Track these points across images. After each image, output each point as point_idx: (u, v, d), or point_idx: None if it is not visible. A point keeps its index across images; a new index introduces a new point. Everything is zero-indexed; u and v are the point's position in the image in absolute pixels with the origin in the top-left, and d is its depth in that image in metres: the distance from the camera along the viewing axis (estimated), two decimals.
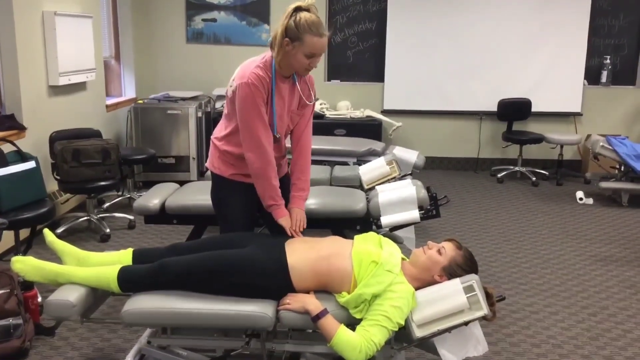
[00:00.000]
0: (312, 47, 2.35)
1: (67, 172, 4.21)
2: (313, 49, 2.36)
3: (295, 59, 2.39)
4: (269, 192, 2.52)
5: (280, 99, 2.50)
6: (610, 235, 4.75)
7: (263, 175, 2.49)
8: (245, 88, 2.40)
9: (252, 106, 2.41)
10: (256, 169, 2.48)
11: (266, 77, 2.43)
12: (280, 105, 2.51)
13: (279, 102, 2.50)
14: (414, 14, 6.51)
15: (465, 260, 2.28)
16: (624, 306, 3.46)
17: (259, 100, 2.41)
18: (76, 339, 2.96)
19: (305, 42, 2.34)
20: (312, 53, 2.37)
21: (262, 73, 2.42)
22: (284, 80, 2.51)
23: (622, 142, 5.57)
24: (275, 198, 2.54)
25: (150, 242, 4.40)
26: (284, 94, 2.51)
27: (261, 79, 2.41)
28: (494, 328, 3.13)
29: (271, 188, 2.52)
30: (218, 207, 2.68)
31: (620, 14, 6.59)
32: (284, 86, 2.51)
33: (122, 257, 2.42)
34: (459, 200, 5.64)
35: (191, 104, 5.82)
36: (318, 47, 2.36)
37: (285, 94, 2.52)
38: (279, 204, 2.55)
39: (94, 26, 5.19)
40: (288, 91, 2.53)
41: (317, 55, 2.39)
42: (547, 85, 6.63)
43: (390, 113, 6.62)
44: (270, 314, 2.16)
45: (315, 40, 2.34)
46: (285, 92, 2.52)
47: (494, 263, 4.09)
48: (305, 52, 2.36)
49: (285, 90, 2.52)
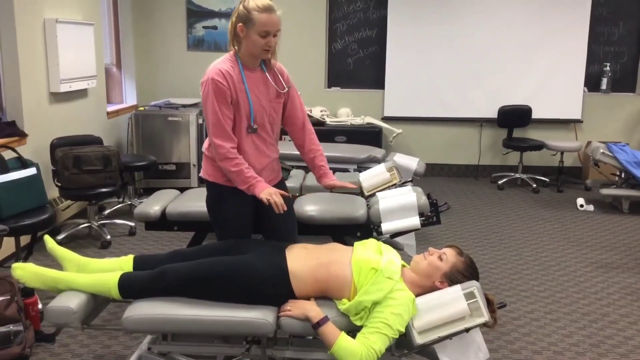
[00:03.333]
0: (262, 24, 2.36)
1: (68, 178, 4.22)
2: (264, 26, 2.36)
3: (251, 40, 2.41)
4: (237, 178, 2.48)
5: (255, 89, 2.51)
6: (611, 242, 4.74)
7: (224, 168, 2.48)
8: (206, 85, 2.44)
9: (213, 103, 2.42)
10: (218, 160, 2.49)
11: (231, 71, 2.45)
12: (256, 96, 2.52)
13: (254, 92, 2.51)
14: (414, 21, 6.53)
15: (467, 267, 2.27)
16: (625, 313, 3.45)
17: (219, 97, 2.42)
18: (76, 345, 2.95)
19: (256, 21, 2.36)
20: (265, 31, 2.37)
21: (225, 67, 2.45)
22: (253, 70, 2.53)
23: (623, 149, 5.57)
24: (247, 180, 2.47)
25: (150, 248, 4.40)
26: (257, 83, 2.53)
27: (226, 75, 2.43)
28: (495, 335, 3.12)
29: (236, 174, 2.47)
30: (214, 214, 2.67)
31: (620, 22, 6.61)
32: (254, 76, 2.52)
33: (122, 264, 2.42)
34: (460, 207, 5.63)
35: (192, 110, 5.84)
36: (269, 24, 2.36)
37: (258, 84, 2.53)
38: (253, 183, 2.47)
39: (95, 33, 5.21)
40: (261, 81, 2.54)
41: (270, 32, 2.38)
42: (547, 92, 6.64)
43: (390, 120, 6.63)
44: (271, 321, 2.16)
45: (264, 17, 2.35)
46: (257, 82, 2.53)
47: (495, 270, 4.09)
48: (259, 31, 2.37)
49: (257, 80, 2.53)
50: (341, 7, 6.62)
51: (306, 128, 2.74)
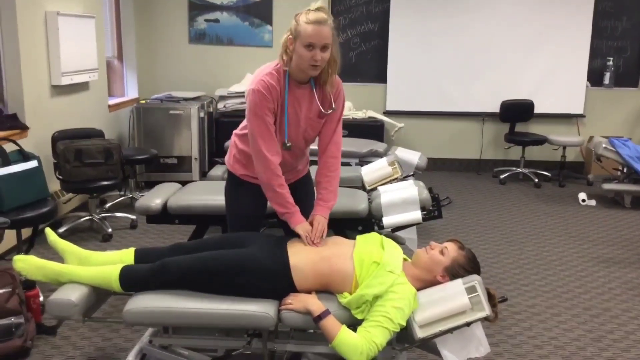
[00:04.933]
0: (307, 36, 2.26)
1: (69, 171, 4.21)
2: (309, 37, 2.25)
3: (298, 54, 2.31)
4: (277, 200, 2.46)
5: (296, 106, 2.44)
6: (613, 237, 4.74)
7: (267, 184, 2.45)
8: (251, 95, 2.37)
9: (256, 115, 2.37)
10: (260, 177, 2.46)
11: (276, 85, 2.36)
12: (295, 113, 2.44)
13: (294, 109, 2.44)
14: (417, 15, 6.50)
15: (468, 261, 2.27)
16: (627, 308, 3.45)
17: (263, 110, 2.35)
18: (77, 338, 2.96)
19: (302, 33, 2.27)
20: (310, 43, 2.26)
21: (272, 80, 2.36)
22: (301, 87, 2.43)
23: (625, 143, 5.56)
24: (286, 205, 2.46)
25: (152, 242, 4.40)
26: (300, 100, 2.44)
27: (269, 87, 2.35)
28: (496, 329, 3.12)
29: (277, 196, 2.45)
30: (227, 203, 2.70)
31: (623, 17, 6.58)
32: (300, 93, 2.44)
33: (123, 257, 2.42)
34: (461, 202, 5.63)
35: (193, 104, 5.82)
36: (314, 36, 2.25)
37: (302, 101, 2.45)
38: (291, 212, 2.46)
39: (97, 26, 5.19)
40: (306, 98, 2.45)
41: (316, 45, 2.26)
42: (549, 87, 6.62)
43: (392, 114, 6.61)
44: (272, 314, 2.16)
45: (309, 28, 2.25)
46: (302, 98, 2.44)
47: (496, 264, 4.08)
48: (304, 43, 2.28)
49: (302, 96, 2.44)
50: (344, 0, 6.59)
51: (328, 151, 2.57)
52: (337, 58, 2.39)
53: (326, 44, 2.29)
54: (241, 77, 6.40)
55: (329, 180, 2.57)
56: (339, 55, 2.40)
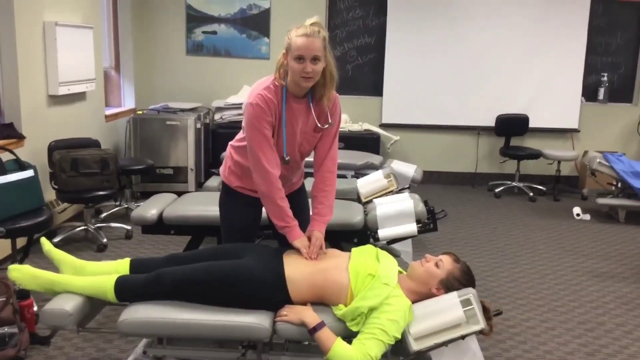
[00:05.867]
0: (297, 48, 2.27)
1: (65, 181, 4.21)
2: (298, 50, 2.27)
3: (291, 68, 2.33)
4: (276, 214, 2.46)
5: (293, 120, 2.44)
6: (607, 251, 4.75)
7: (267, 197, 2.45)
8: (250, 108, 2.37)
9: (255, 129, 2.37)
10: (260, 190, 2.46)
11: (274, 99, 2.37)
12: (291, 127, 2.45)
13: (291, 123, 2.44)
14: (413, 29, 6.55)
15: (463, 274, 2.28)
16: (621, 322, 3.46)
17: (262, 123, 2.36)
18: (71, 348, 2.94)
19: (292, 46, 2.29)
20: (299, 55, 2.27)
21: (269, 94, 2.37)
22: (298, 101, 2.44)
23: (619, 158, 5.59)
24: (285, 219, 2.46)
25: (147, 252, 4.39)
26: (297, 115, 2.45)
27: (267, 101, 2.36)
28: (490, 342, 3.12)
29: (277, 209, 2.45)
30: (222, 215, 2.70)
31: (618, 33, 6.65)
32: (297, 107, 2.44)
33: (119, 267, 2.42)
34: (456, 215, 5.64)
35: (190, 115, 5.84)
36: (302, 48, 2.26)
37: (299, 115, 2.45)
38: (290, 226, 2.46)
39: (95, 37, 5.21)
40: (303, 112, 2.46)
41: (305, 57, 2.27)
42: (545, 101, 6.67)
43: (388, 127, 6.64)
44: (267, 326, 2.16)
45: (299, 41, 2.27)
46: (299, 113, 2.45)
47: (491, 277, 4.09)
48: (294, 56, 2.29)
49: (299, 111, 2.45)
50: (340, 14, 6.64)
51: (324, 165, 2.58)
52: (334, 73, 2.40)
53: (316, 56, 2.29)
54: (238, 88, 6.43)
55: (326, 195, 2.57)
56: (336, 71, 2.42)
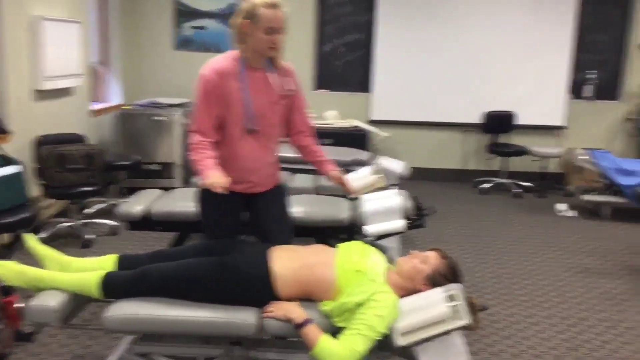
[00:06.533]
0: (267, 20, 2.32)
1: (51, 177, 4.18)
2: (269, 22, 2.32)
3: (256, 38, 2.37)
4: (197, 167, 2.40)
5: (255, 89, 2.48)
6: (592, 247, 4.80)
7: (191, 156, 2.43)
8: (201, 77, 2.44)
9: (198, 96, 2.44)
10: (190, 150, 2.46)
11: (229, 68, 2.43)
12: (255, 96, 2.48)
13: (254, 91, 2.48)
14: (403, 26, 6.56)
15: (449, 270, 2.29)
16: (604, 318, 3.50)
17: (207, 92, 2.42)
18: (56, 345, 2.93)
19: (261, 17, 2.32)
20: (270, 27, 2.33)
21: (223, 64, 2.44)
22: (257, 70, 2.48)
23: (605, 156, 5.64)
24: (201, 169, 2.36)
25: (133, 248, 4.37)
26: (259, 83, 2.49)
27: (217, 70, 2.42)
28: (475, 338, 3.14)
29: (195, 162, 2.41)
30: (201, 210, 2.68)
31: (605, 30, 6.70)
32: (257, 75, 2.48)
33: (104, 263, 2.41)
34: (444, 211, 5.67)
35: (177, 110, 5.81)
36: (274, 20, 2.33)
37: (260, 84, 2.49)
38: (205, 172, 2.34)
39: (82, 31, 5.17)
40: (264, 81, 2.50)
41: (275, 30, 2.35)
42: (532, 99, 6.71)
43: (377, 123, 6.65)
44: (254, 322, 2.16)
45: (269, 13, 2.32)
46: (259, 81, 2.49)
47: (477, 273, 4.12)
48: (264, 28, 2.34)
49: (259, 80, 2.49)
50: (331, 9, 6.63)
51: (305, 132, 2.72)
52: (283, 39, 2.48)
53: (284, 27, 2.38)
54: None
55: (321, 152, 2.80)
56: None
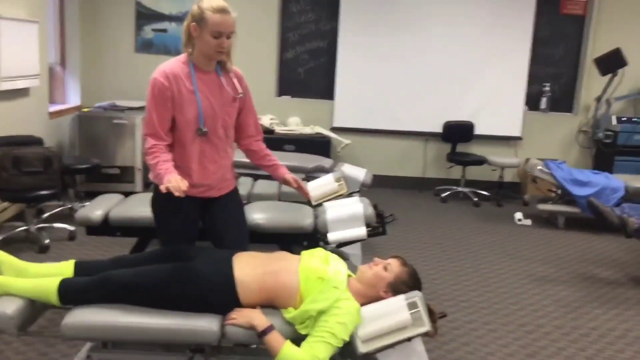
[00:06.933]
0: (215, 25, 2.34)
1: (6, 180, 4.07)
2: (217, 26, 2.35)
3: (204, 41, 2.39)
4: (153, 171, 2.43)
5: (205, 92, 2.49)
6: (547, 255, 4.93)
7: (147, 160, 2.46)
8: (152, 81, 2.46)
9: (149, 99, 2.47)
10: (145, 154, 2.49)
11: (179, 72, 2.46)
12: (206, 99, 2.49)
13: (205, 95, 2.49)
14: (365, 35, 6.63)
15: (410, 278, 2.32)
16: (559, 324, 3.59)
17: (158, 95, 2.44)
18: (11, 352, 2.85)
19: (209, 21, 2.35)
20: (218, 32, 2.36)
21: (173, 67, 2.46)
22: (206, 73, 2.51)
23: (560, 166, 5.80)
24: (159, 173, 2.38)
25: (91, 254, 4.28)
26: (209, 86, 2.51)
27: (168, 74, 2.44)
28: (435, 344, 3.19)
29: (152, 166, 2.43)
30: (155, 215, 2.65)
31: (560, 44, 6.91)
32: (207, 78, 2.50)
33: (62, 269, 2.36)
34: (405, 219, 5.74)
35: (138, 114, 5.73)
36: (222, 25, 2.35)
37: (211, 87, 2.51)
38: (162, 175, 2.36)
39: (40, 31, 5.06)
40: (214, 84, 2.52)
41: (223, 33, 2.37)
42: (490, 110, 6.85)
43: (339, 130, 6.69)
44: (216, 329, 2.15)
45: (217, 17, 2.34)
46: (210, 84, 2.51)
47: (437, 280, 4.18)
48: (211, 32, 2.36)
49: (209, 82, 2.51)
50: (293, 17, 6.66)
51: (256, 137, 2.76)
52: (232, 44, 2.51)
53: (232, 32, 2.40)
54: None
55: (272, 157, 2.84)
56: None
